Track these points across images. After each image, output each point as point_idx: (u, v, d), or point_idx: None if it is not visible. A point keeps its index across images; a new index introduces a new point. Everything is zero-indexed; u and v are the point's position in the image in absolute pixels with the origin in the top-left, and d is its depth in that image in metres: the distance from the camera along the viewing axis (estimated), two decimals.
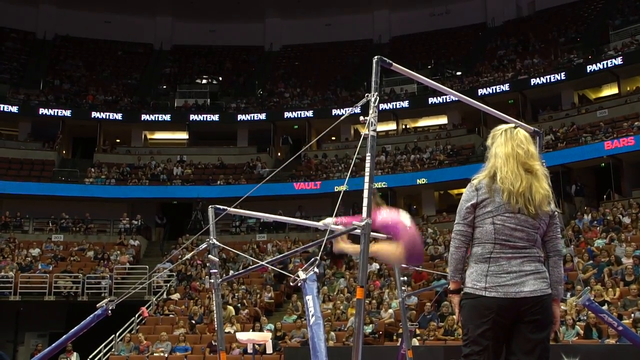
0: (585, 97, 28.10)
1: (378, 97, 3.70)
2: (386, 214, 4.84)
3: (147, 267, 22.43)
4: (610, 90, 27.46)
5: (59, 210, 25.81)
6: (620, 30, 27.52)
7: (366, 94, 3.78)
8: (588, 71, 26.00)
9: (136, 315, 18.06)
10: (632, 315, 12.10)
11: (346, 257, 20.71)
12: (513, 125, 3.26)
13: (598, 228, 18.04)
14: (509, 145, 3.11)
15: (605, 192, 22.52)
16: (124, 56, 36.18)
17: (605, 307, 11.37)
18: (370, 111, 3.69)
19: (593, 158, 22.83)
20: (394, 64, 3.89)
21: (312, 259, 4.15)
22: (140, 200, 27.18)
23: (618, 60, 25.22)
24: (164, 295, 20.33)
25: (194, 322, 17.53)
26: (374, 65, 3.80)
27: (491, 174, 3.10)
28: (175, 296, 19.99)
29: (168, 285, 21.16)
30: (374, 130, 3.69)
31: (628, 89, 26.37)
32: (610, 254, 15.36)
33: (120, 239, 24.72)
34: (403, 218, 4.81)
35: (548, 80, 26.62)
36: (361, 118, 3.72)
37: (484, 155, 3.31)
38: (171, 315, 18.57)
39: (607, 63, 25.43)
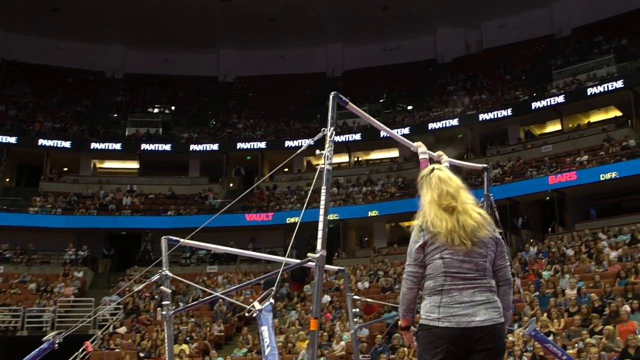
0: (530, 133, 28.98)
1: (334, 132, 3.79)
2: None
3: (93, 299, 21.87)
4: (554, 127, 28.41)
5: (0, 241, 25.00)
6: (562, 70, 28.61)
7: (322, 129, 3.86)
8: (533, 108, 26.88)
9: (80, 350, 17.46)
10: (576, 345, 12.38)
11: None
12: (431, 168, 3.44)
13: (543, 260, 18.47)
14: (429, 193, 3.31)
15: (550, 225, 23.13)
16: (74, 83, 35.65)
17: (550, 338, 11.62)
18: (327, 145, 3.77)
19: (538, 192, 23.47)
20: (349, 102, 3.99)
21: (268, 289, 4.17)
22: (87, 230, 26.59)
23: (560, 99, 26.18)
24: (110, 329, 19.81)
25: (142, 355, 17.11)
26: (331, 100, 3.89)
27: (425, 218, 3.27)
28: (122, 329, 19.50)
29: (114, 318, 20.64)
30: (330, 164, 3.77)
31: (570, 125, 27.34)
32: (556, 286, 15.74)
33: (64, 271, 24.06)
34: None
35: (495, 116, 27.38)
36: (317, 152, 3.80)
37: None
38: (117, 350, 18.07)
39: (550, 101, 26.37)
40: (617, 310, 13.07)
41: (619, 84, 24.89)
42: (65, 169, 31.10)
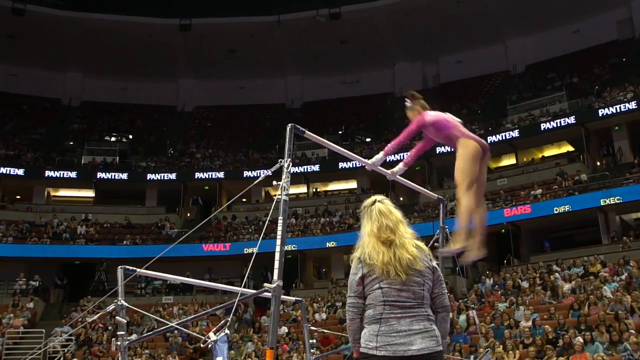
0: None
1: (291, 163, 3.82)
2: (434, 113, 4.90)
3: (44, 331, 21.23)
4: (509, 161, 29.04)
5: None
6: (516, 105, 29.40)
7: (279, 160, 3.89)
8: (488, 142, 27.28)
9: None
10: None
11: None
12: (373, 200, 3.46)
13: (499, 292, 18.70)
14: (368, 225, 3.36)
15: (506, 257, 23.48)
16: (30, 110, 35.05)
17: None
18: (283, 176, 3.80)
19: (494, 224, 23.79)
20: (306, 131, 4.04)
21: (224, 320, 4.15)
22: (39, 259, 25.86)
23: (515, 133, 26.82)
24: None
25: None
26: (288, 132, 3.94)
27: (363, 250, 3.32)
28: None
29: (66, 350, 20.04)
30: (287, 195, 3.79)
31: (525, 159, 27.98)
32: (511, 317, 15.93)
33: (14, 301, 23.32)
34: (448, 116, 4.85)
35: (452, 149, 27.67)
36: (274, 182, 3.83)
37: None
38: None
39: (505, 135, 26.98)
40: (571, 342, 13.28)
41: (571, 120, 25.67)
42: (18, 197, 30.36)
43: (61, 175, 29.61)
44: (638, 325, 13.58)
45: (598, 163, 26.22)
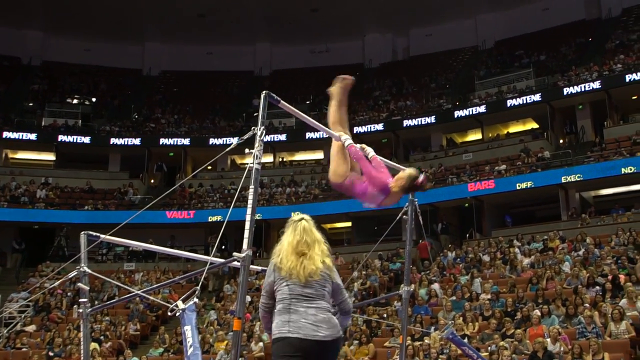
0: (452, 141, 29.74)
1: (265, 131, 3.73)
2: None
3: (0, 296, 20.86)
4: (475, 136, 29.28)
5: None
6: (484, 80, 29.55)
7: (252, 127, 3.80)
8: (455, 116, 27.58)
9: None
10: (489, 348, 12.78)
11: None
12: (301, 217, 4.00)
13: (461, 265, 18.97)
14: (291, 236, 3.87)
15: (468, 231, 23.79)
16: None
17: (465, 341, 11.93)
18: (256, 144, 3.71)
19: (458, 198, 24.09)
20: (282, 101, 3.94)
21: (193, 289, 4.09)
22: None
23: (482, 108, 26.99)
24: (18, 327, 18.90)
25: (51, 354, 16.42)
26: (262, 99, 3.83)
27: (279, 255, 3.83)
28: (31, 328, 18.65)
29: (23, 316, 19.72)
30: (259, 163, 3.70)
31: (490, 135, 28.23)
32: (471, 290, 16.19)
33: None
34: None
35: (419, 123, 27.94)
36: (247, 150, 3.73)
37: None
38: (24, 349, 17.28)
39: (472, 110, 27.15)
40: (529, 315, 13.56)
41: (536, 97, 25.93)
42: None
43: (20, 137, 28.87)
44: (592, 300, 13.92)
45: (561, 141, 26.60)
